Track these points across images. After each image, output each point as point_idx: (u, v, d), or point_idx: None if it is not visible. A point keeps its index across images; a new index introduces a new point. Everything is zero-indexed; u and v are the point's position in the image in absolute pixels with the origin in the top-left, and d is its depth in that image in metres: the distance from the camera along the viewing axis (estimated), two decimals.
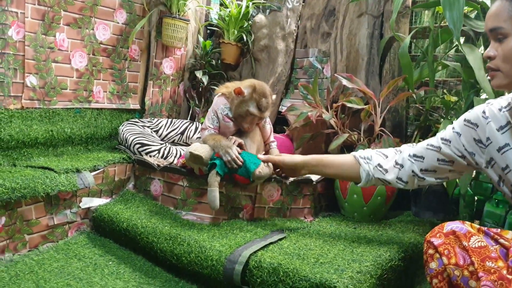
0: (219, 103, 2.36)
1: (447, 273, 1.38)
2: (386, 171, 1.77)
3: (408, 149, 1.75)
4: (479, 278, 1.29)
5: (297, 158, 2.05)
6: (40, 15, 2.62)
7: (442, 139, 1.62)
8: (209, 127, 2.35)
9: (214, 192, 2.13)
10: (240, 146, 2.29)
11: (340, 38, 3.03)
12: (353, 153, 1.89)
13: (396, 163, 1.75)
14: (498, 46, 1.39)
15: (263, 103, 2.26)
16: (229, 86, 2.38)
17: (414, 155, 1.70)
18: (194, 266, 1.90)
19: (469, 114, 1.54)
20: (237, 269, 1.76)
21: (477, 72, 2.05)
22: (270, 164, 2.23)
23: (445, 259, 1.38)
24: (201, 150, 2.19)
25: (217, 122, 2.35)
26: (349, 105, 2.54)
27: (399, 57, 2.49)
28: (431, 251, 1.43)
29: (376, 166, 1.79)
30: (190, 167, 2.33)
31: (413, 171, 1.70)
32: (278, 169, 2.26)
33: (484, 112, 1.49)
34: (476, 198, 2.49)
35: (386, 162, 1.79)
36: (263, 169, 2.18)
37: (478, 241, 1.37)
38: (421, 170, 1.69)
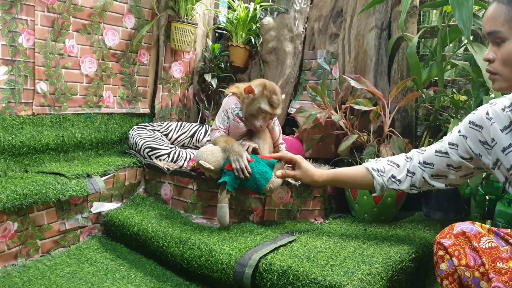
0: (230, 103, 2.36)
1: (457, 274, 1.38)
2: (400, 181, 1.79)
3: (418, 155, 1.75)
4: (490, 279, 1.28)
5: (313, 176, 2.02)
6: (50, 22, 2.64)
7: (449, 143, 1.62)
8: (220, 127, 2.35)
9: (224, 208, 2.14)
10: (254, 150, 2.29)
11: (348, 39, 3.03)
12: (365, 164, 1.90)
13: (408, 172, 1.77)
14: (497, 49, 1.37)
15: (274, 100, 2.26)
16: (240, 86, 2.39)
17: (424, 162, 1.71)
18: (205, 270, 1.90)
19: (473, 116, 1.54)
20: (247, 272, 1.76)
21: (484, 71, 2.03)
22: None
23: (455, 260, 1.37)
24: (212, 159, 2.19)
25: (227, 122, 2.36)
26: (356, 107, 2.53)
27: (407, 57, 2.48)
28: (441, 252, 1.42)
29: (390, 178, 1.81)
30: (200, 170, 2.34)
31: (423, 178, 1.71)
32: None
33: (487, 113, 1.48)
34: (487, 197, 2.48)
35: (399, 172, 1.80)
36: (273, 183, 2.18)
37: (489, 242, 1.36)
38: (431, 176, 1.70)
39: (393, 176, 1.80)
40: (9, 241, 2.04)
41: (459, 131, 1.59)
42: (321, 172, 2.02)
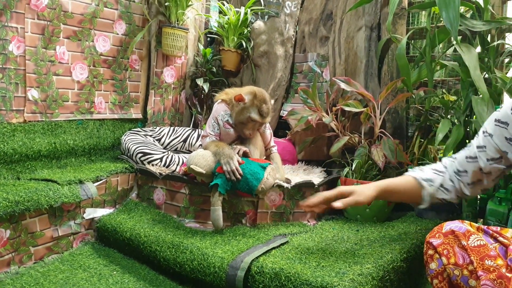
0: (220, 110, 2.37)
1: (447, 273, 1.38)
2: (448, 190, 1.69)
3: (451, 164, 1.69)
4: (479, 277, 1.28)
5: (370, 194, 1.75)
6: (40, 29, 2.65)
7: (478, 147, 1.57)
8: (210, 134, 2.36)
9: (218, 211, 2.15)
10: (245, 154, 2.30)
11: (338, 41, 3.04)
12: (411, 174, 1.77)
13: (451, 180, 1.68)
14: None
15: (264, 109, 2.27)
16: (229, 93, 2.39)
17: (458, 171, 1.65)
18: (197, 274, 1.91)
19: (499, 114, 1.51)
20: (239, 275, 1.77)
21: (472, 71, 2.05)
22: (272, 174, 2.24)
23: (444, 259, 1.38)
24: (203, 163, 2.20)
25: (218, 129, 2.36)
26: (347, 108, 2.55)
27: (396, 58, 2.50)
28: (430, 252, 1.43)
29: (439, 188, 1.70)
30: (192, 175, 2.34)
31: (461, 187, 1.65)
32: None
33: None
34: (478, 196, 2.48)
35: (445, 180, 1.69)
36: (265, 184, 2.19)
37: (477, 240, 1.36)
38: (468, 184, 1.64)
39: (441, 185, 1.69)
40: (1, 249, 2.04)
41: (484, 132, 1.54)
42: (373, 188, 1.78)
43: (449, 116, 2.49)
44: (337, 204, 1.72)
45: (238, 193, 2.27)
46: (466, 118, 2.35)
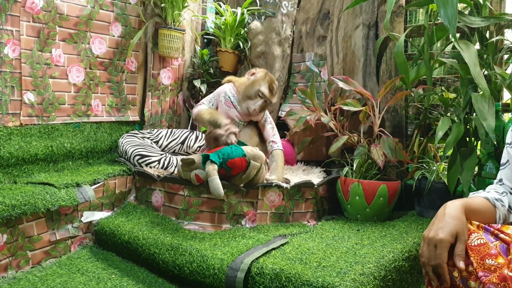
0: (226, 88, 2.48)
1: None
2: None
3: (501, 186, 1.59)
4: (479, 278, 1.25)
5: (464, 221, 1.48)
6: (35, 32, 2.63)
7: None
8: (203, 103, 2.50)
9: (216, 180, 2.14)
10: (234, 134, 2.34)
11: (335, 40, 3.03)
12: (482, 195, 1.58)
13: None
14: None
15: (274, 86, 2.41)
16: (236, 77, 2.57)
17: None
18: (196, 276, 1.89)
19: None
20: (239, 276, 1.75)
21: (472, 68, 2.04)
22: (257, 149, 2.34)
23: None
24: (192, 156, 2.25)
25: (213, 105, 2.49)
26: (345, 108, 2.53)
27: (394, 56, 2.49)
28: None
29: (508, 209, 1.56)
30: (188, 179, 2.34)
31: None
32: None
33: None
34: None
35: (511, 200, 1.57)
36: (253, 150, 2.28)
37: (478, 239, 1.33)
38: None
39: (509, 206, 1.56)
40: None
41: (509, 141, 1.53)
42: (461, 212, 1.50)
43: (448, 114, 2.47)
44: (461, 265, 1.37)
45: (230, 164, 2.24)
46: (466, 116, 2.34)
